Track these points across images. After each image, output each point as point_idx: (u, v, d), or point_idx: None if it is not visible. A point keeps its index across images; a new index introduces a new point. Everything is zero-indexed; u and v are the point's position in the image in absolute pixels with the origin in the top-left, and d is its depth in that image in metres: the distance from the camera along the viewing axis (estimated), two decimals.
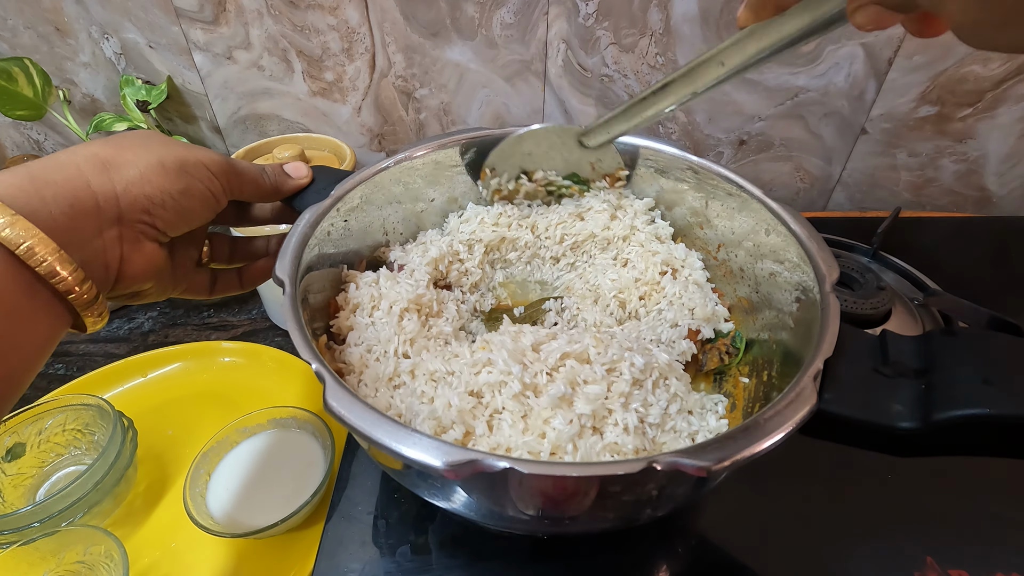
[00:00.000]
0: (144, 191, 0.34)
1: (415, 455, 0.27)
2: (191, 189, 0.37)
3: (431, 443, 0.28)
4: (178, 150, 0.37)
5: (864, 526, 0.46)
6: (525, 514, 0.33)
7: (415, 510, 0.47)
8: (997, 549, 0.44)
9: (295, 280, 0.38)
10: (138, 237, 0.35)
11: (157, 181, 0.35)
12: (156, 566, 0.48)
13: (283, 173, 0.45)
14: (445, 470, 0.27)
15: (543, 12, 0.73)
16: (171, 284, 0.41)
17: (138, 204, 0.34)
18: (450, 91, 0.81)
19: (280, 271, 0.38)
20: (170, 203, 0.36)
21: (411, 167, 0.50)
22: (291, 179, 0.45)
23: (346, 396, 0.30)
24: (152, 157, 0.35)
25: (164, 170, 0.35)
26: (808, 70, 0.74)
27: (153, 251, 0.36)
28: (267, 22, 0.76)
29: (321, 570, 0.43)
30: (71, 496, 0.47)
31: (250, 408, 0.55)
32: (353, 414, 0.29)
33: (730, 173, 0.48)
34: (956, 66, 0.71)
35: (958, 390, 0.30)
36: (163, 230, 0.36)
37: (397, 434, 0.28)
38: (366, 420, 0.29)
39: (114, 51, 0.80)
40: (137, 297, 0.39)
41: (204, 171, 0.38)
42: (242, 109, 0.86)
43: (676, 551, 0.45)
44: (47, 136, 0.90)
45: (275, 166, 0.45)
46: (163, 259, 0.38)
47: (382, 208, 0.50)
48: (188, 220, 0.38)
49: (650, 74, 0.77)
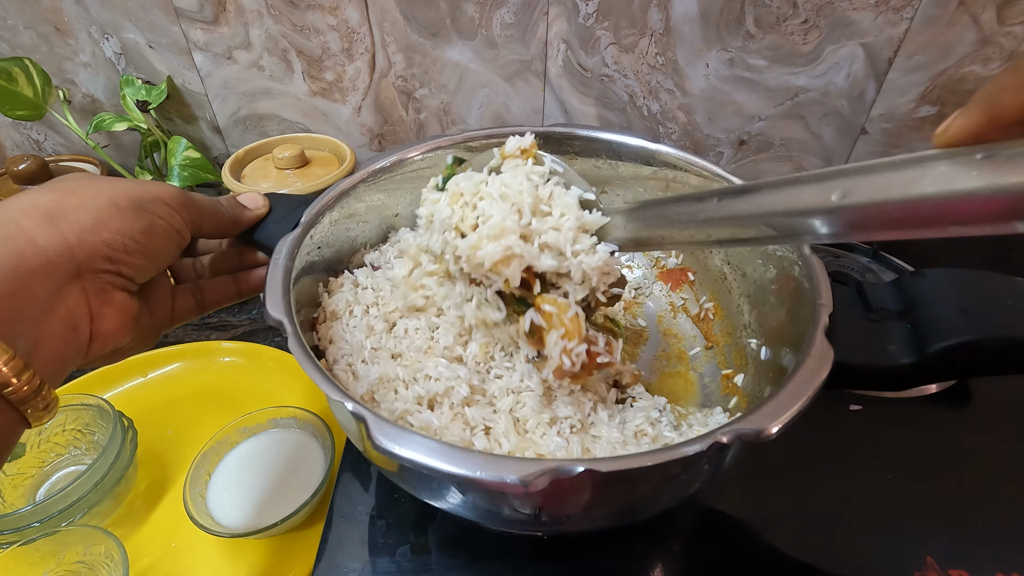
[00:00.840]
0: (102, 237, 0.31)
1: (489, 476, 0.26)
2: (153, 227, 0.33)
3: (496, 461, 0.27)
4: (129, 187, 0.33)
5: (864, 526, 0.46)
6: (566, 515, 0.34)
7: (415, 510, 0.47)
8: (997, 549, 0.44)
9: (293, 317, 0.35)
10: (105, 288, 0.31)
11: (114, 224, 0.31)
12: (156, 566, 0.48)
13: (239, 205, 0.42)
14: (522, 486, 0.26)
15: (543, 12, 0.73)
16: (152, 329, 0.38)
17: (98, 253, 0.30)
18: (450, 91, 0.81)
19: (275, 312, 0.35)
20: (133, 246, 0.32)
21: (375, 184, 0.49)
22: (248, 210, 0.43)
23: (395, 430, 0.28)
24: (102, 198, 0.32)
25: (119, 211, 0.32)
26: (808, 70, 0.74)
27: (125, 301, 0.33)
28: (267, 22, 0.76)
29: (321, 570, 0.43)
30: (71, 496, 0.47)
31: (250, 408, 0.55)
32: (409, 449, 0.27)
33: (673, 150, 0.48)
34: (956, 66, 0.71)
35: (942, 323, 0.32)
36: (131, 277, 0.33)
37: (462, 460, 0.27)
38: (424, 451, 0.27)
39: (114, 51, 0.81)
40: (117, 355, 0.35)
41: (163, 206, 0.34)
42: (242, 109, 0.86)
43: (674, 551, 0.45)
44: (47, 136, 0.90)
45: (231, 198, 0.42)
46: (137, 308, 0.34)
47: (351, 229, 0.49)
48: (156, 262, 0.35)
49: (650, 74, 0.77)
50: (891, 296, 0.36)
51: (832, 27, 0.70)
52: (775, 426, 0.28)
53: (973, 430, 0.54)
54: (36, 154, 0.76)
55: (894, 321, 0.34)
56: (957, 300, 0.33)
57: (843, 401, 0.56)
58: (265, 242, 0.42)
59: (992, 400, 0.56)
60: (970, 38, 0.68)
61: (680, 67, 0.75)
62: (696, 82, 0.76)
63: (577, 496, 0.31)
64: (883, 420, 0.54)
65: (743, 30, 0.71)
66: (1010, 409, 0.55)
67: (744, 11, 0.70)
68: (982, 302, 0.33)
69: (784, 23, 0.70)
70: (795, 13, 0.69)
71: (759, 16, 0.70)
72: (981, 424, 0.54)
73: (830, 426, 0.54)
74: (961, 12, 0.66)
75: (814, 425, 0.52)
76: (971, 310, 0.32)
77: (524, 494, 0.27)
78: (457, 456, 0.27)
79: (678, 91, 0.78)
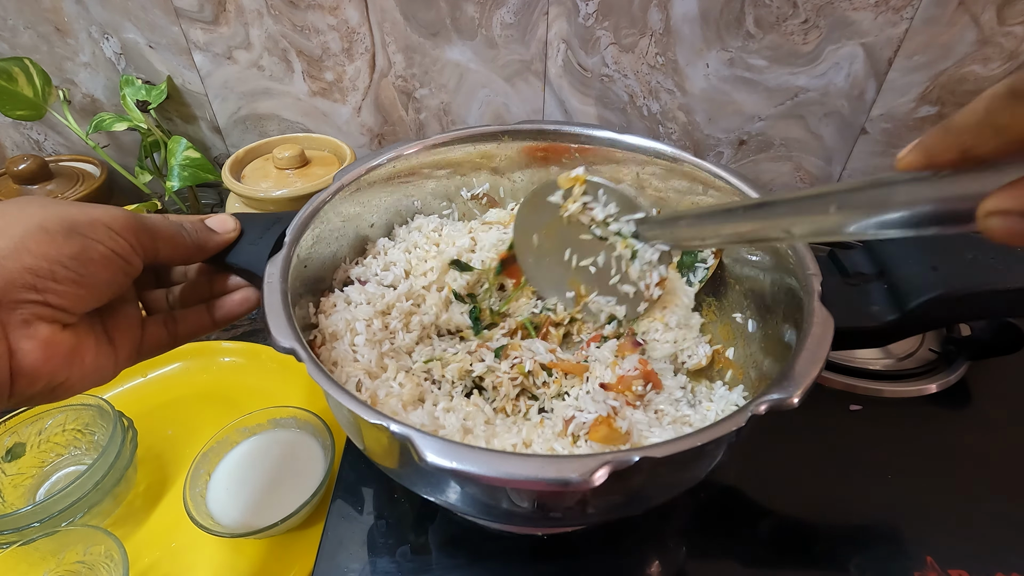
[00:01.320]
0: (24, 263, 0.28)
1: (548, 475, 0.26)
2: (87, 252, 0.30)
3: (553, 462, 0.27)
4: (64, 210, 0.31)
5: (864, 526, 0.46)
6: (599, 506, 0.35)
7: (415, 510, 0.47)
8: (997, 549, 0.44)
9: (305, 343, 0.34)
10: (28, 321, 0.28)
11: (39, 249, 0.29)
12: (156, 566, 0.48)
13: (206, 229, 0.39)
14: (581, 482, 0.26)
15: (543, 12, 0.73)
16: (111, 363, 0.35)
17: (18, 280, 0.28)
18: (450, 91, 0.81)
19: (283, 339, 0.33)
20: (62, 273, 0.29)
21: (349, 196, 0.49)
22: (216, 234, 0.39)
23: (444, 445, 0.28)
24: (30, 222, 0.29)
25: (47, 235, 0.29)
26: (808, 70, 0.73)
27: (52, 336, 0.29)
28: (267, 22, 0.76)
29: (321, 570, 0.43)
30: (71, 496, 0.47)
31: (250, 408, 0.55)
32: (463, 462, 0.27)
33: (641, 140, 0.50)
34: (956, 66, 0.71)
35: (915, 281, 0.36)
36: (62, 307, 0.30)
37: (519, 465, 0.27)
38: (479, 463, 0.27)
39: (114, 51, 0.81)
40: (62, 391, 0.32)
41: (103, 230, 0.31)
42: (242, 109, 0.86)
43: (672, 551, 0.45)
44: (47, 136, 0.90)
45: (196, 222, 0.39)
46: (70, 343, 0.31)
47: (330, 244, 0.49)
48: (94, 291, 0.32)
49: (650, 74, 0.77)
50: (864, 260, 0.40)
51: (832, 27, 0.70)
52: (799, 393, 0.30)
53: (973, 430, 0.54)
54: (36, 154, 0.76)
55: (871, 283, 0.38)
56: (924, 258, 0.36)
57: (843, 401, 0.56)
58: (242, 266, 0.40)
59: (992, 400, 0.56)
60: (970, 38, 0.68)
61: (680, 67, 0.75)
62: (696, 82, 0.76)
63: (629, 483, 0.33)
64: (883, 420, 0.54)
65: (743, 30, 0.71)
66: (1010, 410, 0.55)
67: (744, 11, 0.70)
68: (948, 259, 0.36)
69: (784, 23, 0.70)
70: (795, 13, 0.69)
71: (759, 16, 0.70)
72: (981, 424, 0.54)
73: (830, 426, 0.54)
74: (961, 12, 0.66)
75: (814, 425, 0.53)
76: (939, 267, 0.35)
77: (584, 490, 0.27)
78: (513, 462, 0.27)
79: (678, 91, 0.78)
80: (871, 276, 0.38)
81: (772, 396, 0.30)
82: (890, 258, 0.38)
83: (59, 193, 0.75)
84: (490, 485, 0.30)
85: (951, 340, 0.59)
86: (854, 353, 0.60)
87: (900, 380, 0.57)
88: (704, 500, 0.48)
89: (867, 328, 0.36)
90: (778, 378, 0.32)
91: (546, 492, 0.32)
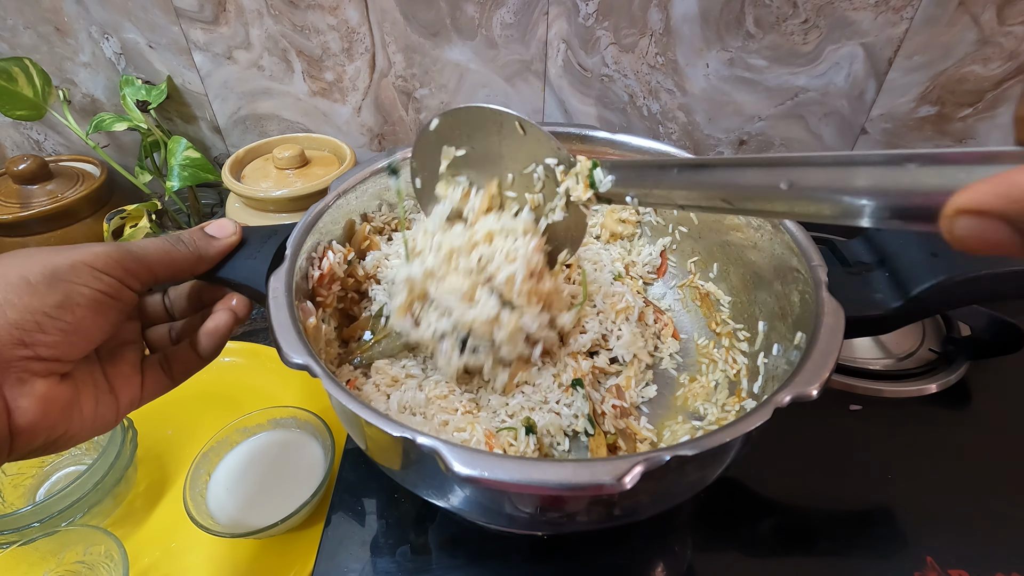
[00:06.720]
0: (7, 319, 0.27)
1: (581, 480, 0.26)
2: (72, 299, 0.30)
3: (585, 466, 0.27)
4: (45, 258, 0.30)
5: (864, 526, 0.46)
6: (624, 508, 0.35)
7: (415, 510, 0.47)
8: (997, 549, 0.44)
9: (318, 358, 0.33)
10: (21, 378, 0.28)
11: (22, 302, 0.28)
12: (156, 566, 0.48)
13: (205, 236, 0.38)
14: (614, 484, 0.26)
15: (543, 12, 0.73)
16: (112, 412, 0.34)
17: (5, 338, 0.27)
18: (450, 91, 0.81)
19: (295, 355, 0.32)
20: (48, 324, 0.29)
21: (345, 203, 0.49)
22: (217, 240, 0.38)
23: (473, 455, 0.28)
24: (11, 274, 0.28)
25: (30, 287, 0.28)
26: (808, 70, 0.73)
27: (49, 390, 0.29)
28: (267, 22, 0.76)
29: (321, 570, 0.43)
30: (71, 496, 0.47)
31: (250, 408, 0.55)
32: (494, 471, 0.27)
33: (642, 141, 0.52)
34: (956, 66, 0.71)
35: (916, 268, 0.36)
36: (55, 357, 0.29)
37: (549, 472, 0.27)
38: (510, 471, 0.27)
39: (114, 51, 0.81)
40: (63, 443, 0.31)
41: (86, 272, 0.31)
42: (242, 109, 0.86)
43: (673, 551, 0.45)
44: (47, 136, 0.90)
45: (194, 231, 0.38)
46: (67, 396, 0.31)
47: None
48: (86, 335, 0.31)
49: (650, 74, 0.77)
50: (863, 250, 0.40)
51: (832, 27, 0.70)
52: (818, 384, 0.31)
53: (973, 430, 0.54)
54: (36, 154, 0.76)
55: (873, 272, 0.38)
56: (923, 246, 0.37)
57: (843, 401, 0.56)
58: (237, 280, 0.38)
59: (992, 400, 0.56)
60: (970, 38, 0.68)
61: (680, 67, 0.75)
62: (696, 82, 0.76)
63: (657, 483, 0.33)
64: (883, 420, 0.54)
65: (743, 30, 0.71)
66: (1010, 410, 0.55)
67: (744, 11, 0.70)
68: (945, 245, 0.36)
69: (784, 23, 0.70)
70: (795, 13, 0.69)
71: (759, 16, 0.70)
72: (981, 424, 0.54)
73: (830, 426, 0.54)
74: (961, 12, 0.66)
75: (815, 425, 0.53)
76: (939, 253, 0.36)
77: (618, 492, 0.27)
78: (544, 469, 0.27)
79: (678, 91, 0.78)
80: (872, 265, 0.39)
81: (795, 391, 0.31)
82: (889, 247, 0.39)
83: (59, 193, 0.75)
84: (519, 493, 0.30)
85: (951, 340, 0.59)
86: (854, 353, 0.60)
87: (900, 380, 0.57)
88: (704, 500, 0.48)
89: (873, 316, 0.37)
90: (796, 370, 0.32)
91: (576, 497, 0.31)
